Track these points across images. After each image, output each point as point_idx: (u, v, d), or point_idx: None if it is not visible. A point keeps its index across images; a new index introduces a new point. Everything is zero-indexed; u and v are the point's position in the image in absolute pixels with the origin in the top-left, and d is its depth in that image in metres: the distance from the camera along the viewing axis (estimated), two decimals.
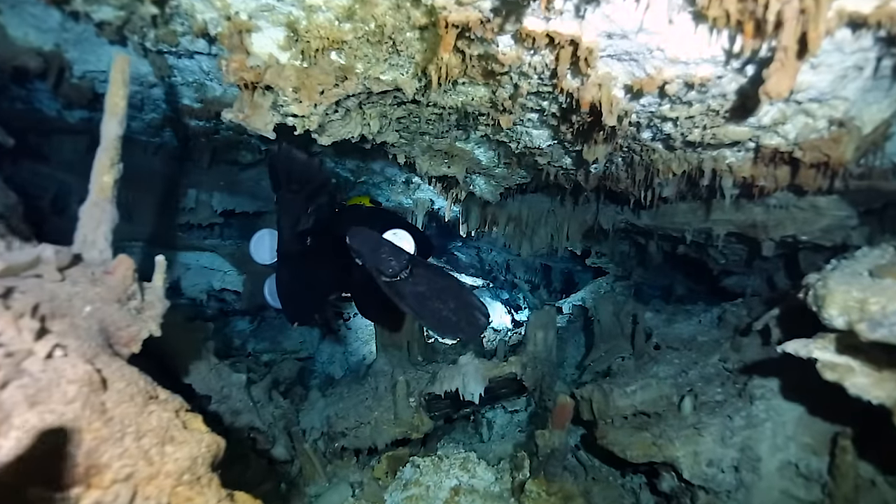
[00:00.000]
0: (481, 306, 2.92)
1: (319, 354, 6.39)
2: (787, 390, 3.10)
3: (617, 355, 4.38)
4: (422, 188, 6.61)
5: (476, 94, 2.80)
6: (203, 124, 4.65)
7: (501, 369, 3.63)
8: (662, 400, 3.50)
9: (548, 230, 4.86)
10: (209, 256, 5.11)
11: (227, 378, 3.62)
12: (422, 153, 3.79)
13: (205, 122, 4.55)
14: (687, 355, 4.06)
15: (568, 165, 3.52)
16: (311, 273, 3.78)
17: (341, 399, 4.17)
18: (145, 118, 4.75)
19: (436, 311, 2.98)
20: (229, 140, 5.10)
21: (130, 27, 2.98)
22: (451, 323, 2.94)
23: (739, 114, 2.36)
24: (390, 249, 2.97)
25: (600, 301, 4.65)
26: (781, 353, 2.40)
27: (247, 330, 6.07)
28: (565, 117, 2.71)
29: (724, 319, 4.26)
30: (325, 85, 2.70)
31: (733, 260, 4.59)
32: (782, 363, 3.23)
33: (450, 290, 2.98)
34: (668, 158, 3.03)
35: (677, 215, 4.00)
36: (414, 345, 4.33)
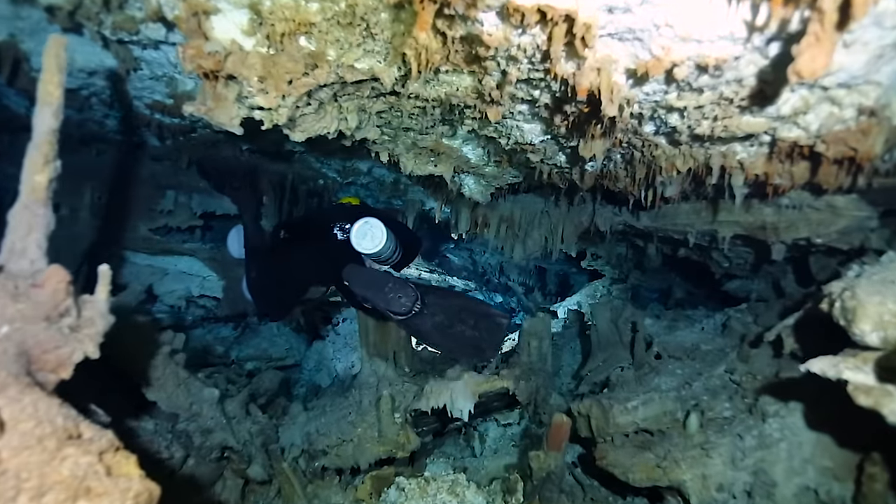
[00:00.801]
0: (497, 310, 2.85)
1: (306, 361, 6.08)
2: (803, 407, 2.81)
3: (615, 365, 4.07)
4: (412, 189, 6.31)
5: (461, 84, 2.50)
6: (178, 121, 4.35)
7: (492, 384, 3.33)
8: (666, 416, 3.21)
9: (541, 232, 4.55)
10: (188, 261, 4.80)
11: (198, 394, 3.31)
12: (406, 151, 3.48)
13: (179, 119, 4.24)
14: (690, 365, 3.76)
15: (562, 163, 3.22)
16: (282, 268, 3.60)
17: (323, 413, 3.86)
18: (119, 116, 4.44)
19: (460, 335, 2.91)
20: (207, 138, 4.79)
21: (83, 12, 2.67)
22: (477, 340, 2.87)
23: (756, 102, 2.07)
24: (394, 285, 2.89)
25: (597, 307, 4.34)
26: (805, 373, 2.09)
27: (230, 337, 5.76)
28: (559, 108, 2.40)
29: (729, 326, 3.97)
30: (293, 74, 2.40)
31: (738, 263, 4.29)
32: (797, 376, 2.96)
33: (465, 308, 2.90)
34: (672, 155, 2.73)
35: (679, 216, 3.70)
36: (401, 354, 4.03)
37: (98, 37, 2.89)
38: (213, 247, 4.96)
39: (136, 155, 5.16)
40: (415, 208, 6.96)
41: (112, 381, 3.29)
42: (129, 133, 4.90)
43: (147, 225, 4.82)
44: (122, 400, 3.29)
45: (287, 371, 6.11)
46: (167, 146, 5.05)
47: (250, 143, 4.83)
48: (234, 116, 2.58)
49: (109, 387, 3.23)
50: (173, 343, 3.43)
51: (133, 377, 3.12)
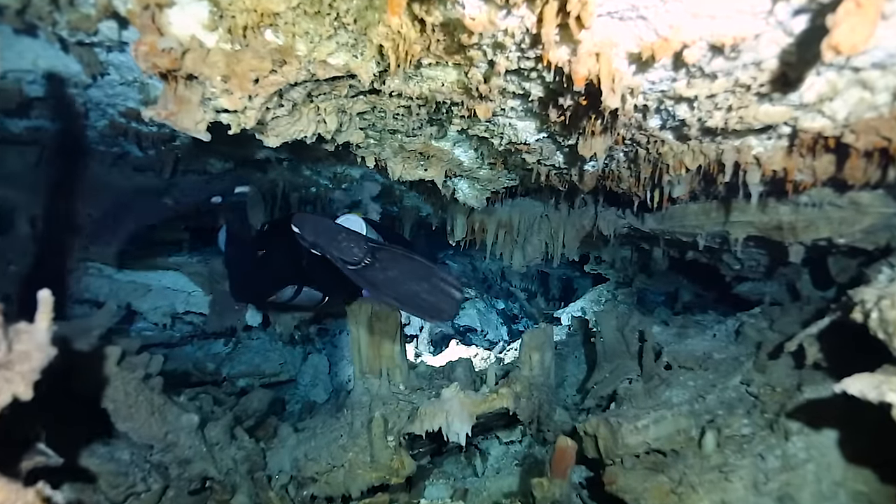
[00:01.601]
0: (454, 282, 2.80)
1: (302, 377, 5.82)
2: (831, 423, 2.54)
3: (623, 377, 3.81)
4: (408, 196, 6.07)
5: (445, 79, 2.25)
6: (156, 130, 4.12)
7: (491, 403, 3.07)
8: (680, 435, 2.94)
9: (541, 237, 4.30)
10: (172, 276, 4.56)
11: (175, 421, 3.06)
12: (393, 155, 3.23)
13: (157, 127, 4.02)
14: (703, 376, 3.50)
15: (560, 164, 2.97)
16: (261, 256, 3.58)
17: (314, 436, 3.61)
18: (97, 126, 4.21)
19: (413, 293, 2.83)
20: (190, 146, 4.56)
21: (34, 11, 2.44)
22: (430, 304, 2.80)
23: (776, 89, 1.81)
24: (347, 235, 2.83)
25: (602, 315, 4.08)
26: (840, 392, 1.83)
27: (222, 353, 5.51)
28: (555, 102, 2.15)
29: (743, 333, 3.70)
30: (259, 72, 2.15)
31: (750, 266, 4.02)
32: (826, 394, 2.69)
33: (420, 271, 2.83)
34: (680, 151, 2.47)
35: (688, 218, 3.44)
36: (395, 371, 3.77)
37: (55, 38, 2.66)
38: (200, 260, 4.72)
39: (118, 166, 4.94)
40: (411, 215, 6.72)
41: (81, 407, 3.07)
42: (111, 144, 4.68)
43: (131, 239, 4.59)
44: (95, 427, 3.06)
45: (282, 387, 5.87)
46: (150, 156, 4.83)
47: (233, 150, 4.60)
48: (199, 121, 2.34)
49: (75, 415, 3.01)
50: (149, 366, 3.19)
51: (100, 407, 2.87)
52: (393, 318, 3.82)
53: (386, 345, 3.82)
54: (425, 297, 2.84)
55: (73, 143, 4.42)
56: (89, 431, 3.00)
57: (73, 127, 3.98)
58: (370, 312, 3.79)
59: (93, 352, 2.96)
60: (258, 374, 5.49)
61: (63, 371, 2.99)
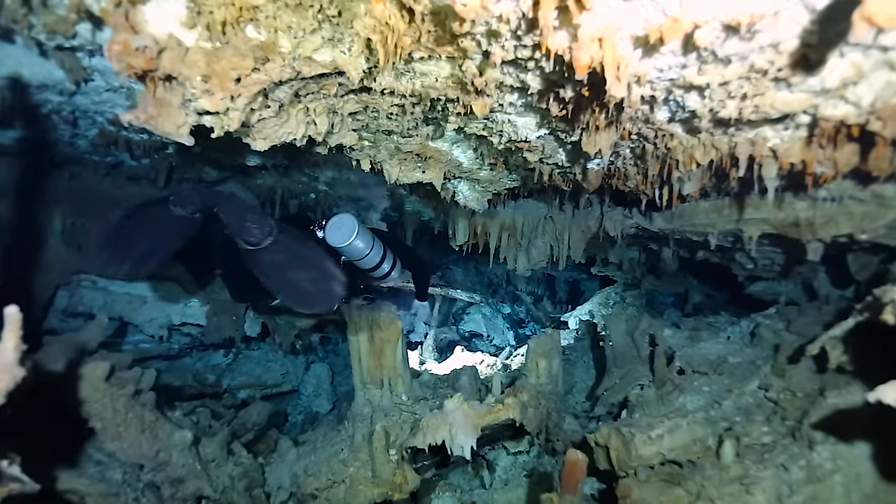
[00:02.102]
0: (340, 277, 2.77)
1: (304, 386, 5.69)
2: (860, 432, 2.38)
3: (634, 383, 3.65)
4: (409, 200, 5.94)
5: (439, 73, 2.11)
6: (147, 137, 4.00)
7: (496, 415, 2.92)
8: (696, 444, 2.79)
9: (546, 240, 4.14)
10: (168, 287, 4.44)
11: (167, 439, 2.93)
12: (389, 157, 3.10)
13: (147, 134, 3.90)
14: (718, 381, 3.34)
15: (564, 162, 2.82)
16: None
17: (314, 450, 3.47)
18: (88, 135, 4.10)
19: (294, 282, 2.82)
20: (184, 155, 4.45)
21: (7, 14, 2.32)
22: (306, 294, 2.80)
23: (795, 73, 1.66)
24: (257, 216, 2.79)
25: (611, 319, 3.92)
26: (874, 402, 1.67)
27: (222, 364, 5.39)
28: (555, 95, 2.01)
29: (758, 335, 3.54)
30: (241, 70, 2.03)
31: (764, 265, 3.85)
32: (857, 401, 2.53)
33: (311, 260, 2.82)
34: (690, 145, 2.32)
35: (698, 216, 3.28)
36: (397, 380, 3.63)
37: (32, 43, 2.54)
38: None
39: (112, 176, 4.83)
40: (414, 220, 6.58)
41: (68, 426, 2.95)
42: (104, 153, 4.57)
43: None
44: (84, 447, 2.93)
45: (284, 398, 5.74)
46: (144, 165, 4.72)
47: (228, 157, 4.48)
48: (181, 124, 2.21)
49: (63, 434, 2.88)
50: (140, 382, 3.06)
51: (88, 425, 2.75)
52: (394, 326, 3.68)
53: (387, 354, 3.69)
54: (305, 286, 2.82)
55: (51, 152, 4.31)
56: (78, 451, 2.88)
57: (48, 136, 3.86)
58: (370, 321, 3.65)
59: (80, 368, 2.84)
60: (259, 385, 5.37)
61: (48, 389, 2.88)
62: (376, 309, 3.66)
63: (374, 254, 3.52)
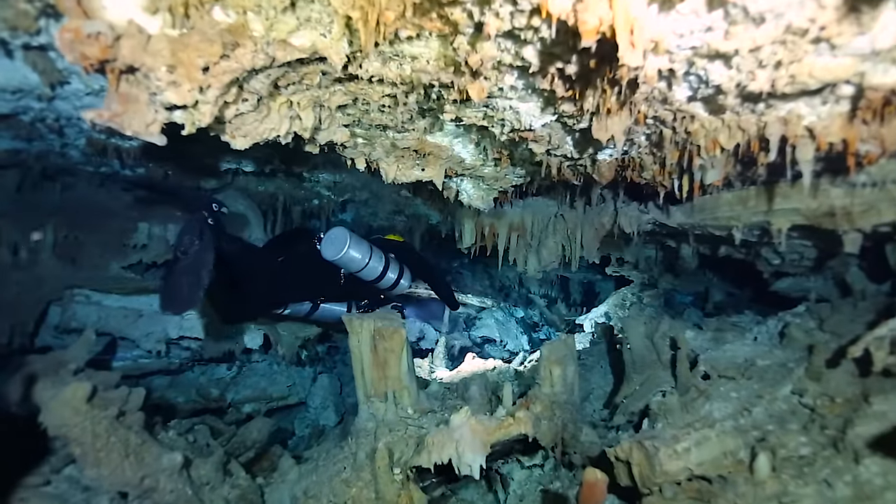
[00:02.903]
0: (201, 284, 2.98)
1: (311, 399, 5.46)
2: None
3: (655, 389, 3.38)
4: (415, 203, 5.71)
5: (429, 54, 1.88)
6: (136, 144, 3.81)
7: (507, 429, 2.67)
8: (727, 457, 2.51)
9: (557, 239, 3.88)
10: None
11: (154, 463, 2.70)
12: (385, 154, 2.87)
13: (136, 141, 3.71)
14: (747, 386, 3.06)
15: (573, 153, 2.57)
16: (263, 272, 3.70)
17: (315, 469, 3.24)
18: (77, 144, 3.93)
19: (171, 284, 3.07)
20: (178, 162, 4.26)
21: None
22: (171, 295, 3.04)
23: (841, 32, 1.41)
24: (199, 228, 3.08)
25: (629, 322, 3.64)
26: None
27: (227, 377, 5.18)
28: (560, 72, 1.77)
29: (788, 335, 3.25)
30: (208, 58, 1.81)
31: (792, 259, 3.57)
32: None
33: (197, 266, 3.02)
34: (713, 129, 2.07)
35: (721, 209, 3.01)
36: (403, 393, 3.39)
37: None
38: None
39: (106, 187, 4.66)
40: (421, 224, 6.36)
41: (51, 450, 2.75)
42: (98, 163, 4.40)
43: (119, 262, 4.29)
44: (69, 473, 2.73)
45: (291, 411, 5.52)
46: (138, 174, 4.54)
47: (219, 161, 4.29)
48: (150, 122, 2.00)
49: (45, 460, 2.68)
50: (127, 402, 2.85)
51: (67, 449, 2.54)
52: (398, 334, 3.44)
53: (391, 364, 3.44)
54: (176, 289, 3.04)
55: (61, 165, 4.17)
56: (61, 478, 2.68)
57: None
58: (372, 329, 3.41)
59: (61, 390, 2.64)
60: (265, 398, 5.16)
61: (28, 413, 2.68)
62: (379, 317, 3.43)
63: (375, 264, 3.61)
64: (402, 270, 3.92)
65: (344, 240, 3.42)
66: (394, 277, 3.81)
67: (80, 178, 4.52)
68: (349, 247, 3.43)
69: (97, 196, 4.56)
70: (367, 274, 3.64)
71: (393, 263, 3.81)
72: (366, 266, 3.58)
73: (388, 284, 3.84)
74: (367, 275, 3.65)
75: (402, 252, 4.09)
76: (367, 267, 3.58)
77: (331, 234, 3.48)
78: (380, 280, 3.76)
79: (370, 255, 3.56)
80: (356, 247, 3.47)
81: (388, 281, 3.81)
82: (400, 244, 4.22)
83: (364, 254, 3.53)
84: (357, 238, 3.52)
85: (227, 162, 4.32)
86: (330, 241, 3.48)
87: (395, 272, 3.83)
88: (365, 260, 3.54)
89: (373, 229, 6.34)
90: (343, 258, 3.48)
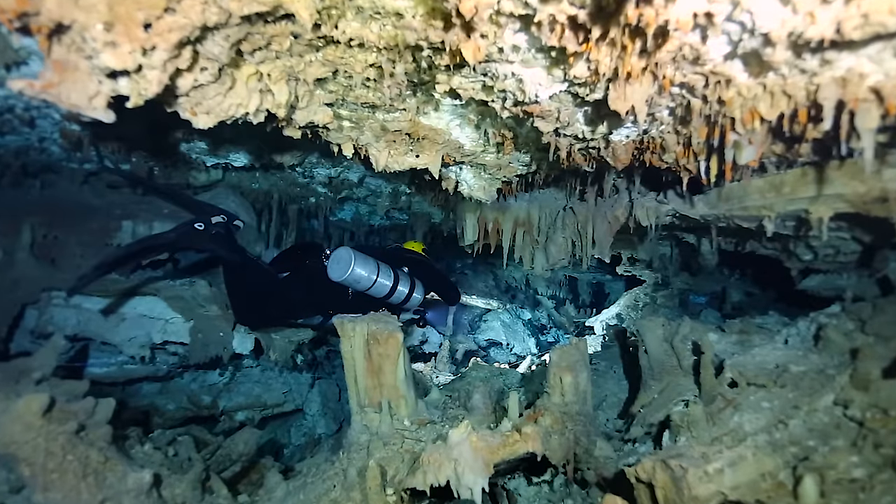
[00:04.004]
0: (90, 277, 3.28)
1: (308, 406, 5.14)
2: None
3: (676, 398, 3.03)
4: (415, 201, 5.39)
5: (414, 9, 1.55)
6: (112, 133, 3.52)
7: (513, 447, 2.33)
8: (765, 480, 2.16)
9: (566, 235, 3.54)
10: (149, 302, 3.94)
11: (118, 483, 2.38)
12: (375, 139, 2.54)
13: None
14: (780, 395, 2.70)
15: (584, 133, 2.22)
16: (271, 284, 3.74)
17: (303, 487, 2.91)
18: (55, 138, 3.64)
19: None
20: (163, 156, 3.95)
21: None
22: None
23: None
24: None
25: (646, 324, 3.29)
26: None
27: (219, 384, 4.86)
28: (571, 21, 1.43)
29: (825, 338, 2.89)
30: (149, 11, 1.49)
31: (826, 255, 3.20)
32: None
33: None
34: (752, 96, 1.72)
35: (750, 197, 2.65)
36: (399, 402, 3.06)
37: None
38: (184, 283, 4.08)
39: (91, 184, 4.36)
40: (423, 223, 6.03)
41: None
42: (81, 159, 4.11)
43: None
44: None
45: (288, 419, 5.20)
46: (123, 171, 4.25)
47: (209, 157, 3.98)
48: (93, 94, 1.68)
49: None
50: (93, 414, 2.53)
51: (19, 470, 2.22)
52: (394, 339, 3.10)
53: (386, 371, 3.10)
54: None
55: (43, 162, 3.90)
56: None
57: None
58: (366, 333, 3.08)
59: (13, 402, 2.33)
60: (259, 405, 4.84)
61: None
62: (373, 319, 3.11)
63: (383, 281, 3.52)
64: (413, 284, 3.79)
65: (349, 261, 3.34)
66: (405, 292, 3.69)
67: (62, 176, 4.24)
68: (354, 268, 3.35)
69: (81, 194, 4.27)
70: (375, 292, 3.54)
71: (403, 278, 3.69)
72: (373, 284, 3.48)
73: (400, 300, 3.72)
74: (375, 293, 3.55)
75: (415, 264, 3.96)
76: (374, 285, 3.49)
77: (336, 254, 3.43)
78: (389, 296, 3.65)
79: (377, 272, 3.47)
80: (362, 266, 3.39)
81: (399, 296, 3.69)
82: (415, 255, 4.10)
83: (370, 272, 3.44)
84: (363, 257, 3.43)
85: (216, 156, 4.01)
86: (335, 262, 3.42)
87: (406, 286, 3.71)
88: (371, 278, 3.44)
89: (390, 239, 6.33)
90: (348, 279, 3.40)
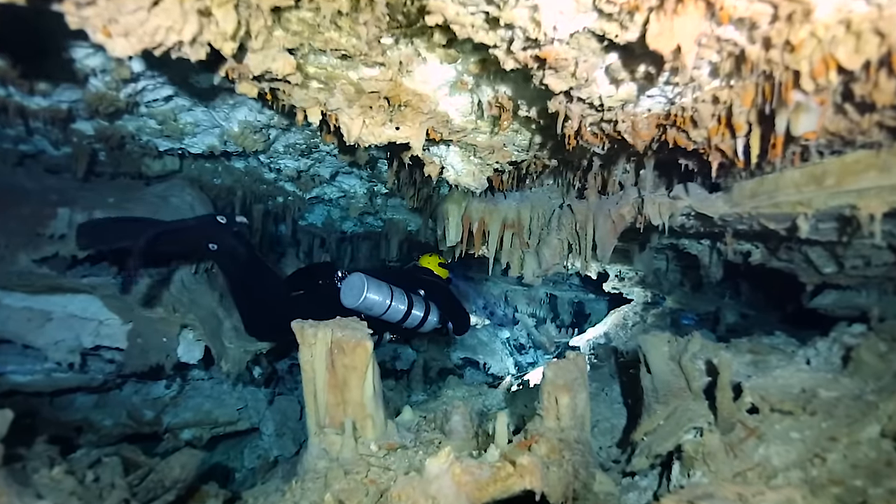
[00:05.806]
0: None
1: (265, 424, 4.57)
2: None
3: (687, 425, 2.57)
4: (391, 206, 4.93)
5: None
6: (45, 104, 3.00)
7: (506, 482, 1.84)
8: None
9: (562, 237, 3.10)
10: (82, 300, 3.37)
11: None
12: (348, 103, 2.08)
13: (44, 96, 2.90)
14: (812, 424, 2.28)
15: (603, 98, 1.78)
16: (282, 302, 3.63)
17: None
18: None
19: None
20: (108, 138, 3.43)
21: None
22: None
23: None
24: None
25: (649, 339, 2.84)
26: None
27: (165, 397, 4.28)
28: None
29: (857, 360, 2.49)
30: None
31: (854, 266, 2.80)
32: None
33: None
34: (831, 36, 1.32)
35: (783, 192, 2.25)
36: (366, 422, 2.55)
37: None
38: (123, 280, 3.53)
39: (26, 167, 3.81)
40: (398, 230, 5.56)
41: None
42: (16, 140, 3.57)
43: (30, 255, 3.40)
44: None
45: (242, 438, 4.63)
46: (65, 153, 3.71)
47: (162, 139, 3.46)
48: None
49: None
50: None
51: None
52: (362, 348, 2.60)
53: (352, 386, 2.59)
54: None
55: None
56: None
57: None
58: (329, 341, 2.59)
59: None
60: (209, 422, 4.26)
61: None
62: (339, 325, 2.62)
63: (397, 305, 3.43)
64: (428, 308, 3.69)
65: (361, 287, 3.26)
66: (420, 316, 3.61)
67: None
68: (367, 295, 3.28)
69: (15, 177, 3.71)
70: (389, 317, 3.45)
71: (418, 302, 3.61)
72: (387, 310, 3.39)
73: (414, 324, 3.63)
74: (389, 318, 3.46)
75: (431, 286, 3.87)
76: (388, 310, 3.40)
77: (348, 281, 3.36)
78: (404, 321, 3.55)
79: (390, 298, 3.38)
80: (375, 293, 3.32)
81: (414, 320, 3.59)
82: (432, 277, 4.03)
83: (384, 297, 3.35)
84: (376, 283, 3.34)
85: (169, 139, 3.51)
86: (348, 289, 3.34)
87: (421, 310, 3.62)
88: (385, 304, 3.36)
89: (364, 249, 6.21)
90: (361, 306, 3.31)
